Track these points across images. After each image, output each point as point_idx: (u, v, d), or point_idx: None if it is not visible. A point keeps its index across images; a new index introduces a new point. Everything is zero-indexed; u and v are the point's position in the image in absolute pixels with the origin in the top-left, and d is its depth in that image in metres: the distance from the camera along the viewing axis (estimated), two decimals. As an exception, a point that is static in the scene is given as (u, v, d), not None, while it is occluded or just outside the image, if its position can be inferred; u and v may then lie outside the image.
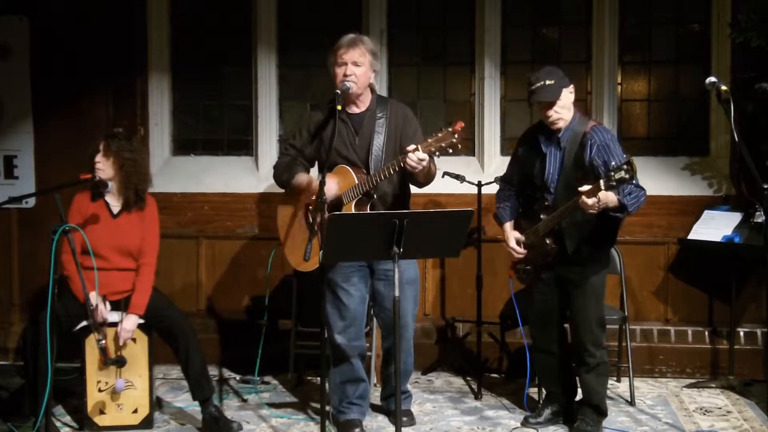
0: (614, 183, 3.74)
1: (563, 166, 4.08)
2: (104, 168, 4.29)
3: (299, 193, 4.27)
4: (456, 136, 3.79)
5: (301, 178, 4.25)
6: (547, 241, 4.12)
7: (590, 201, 3.80)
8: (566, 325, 4.31)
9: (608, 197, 3.83)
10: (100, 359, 4.15)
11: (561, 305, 4.23)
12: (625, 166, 3.71)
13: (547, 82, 4.01)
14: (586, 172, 4.01)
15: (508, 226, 4.33)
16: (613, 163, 3.89)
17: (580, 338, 4.15)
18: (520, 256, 4.27)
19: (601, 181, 3.77)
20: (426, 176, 4.11)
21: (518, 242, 4.26)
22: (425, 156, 3.85)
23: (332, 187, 4.09)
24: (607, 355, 4.28)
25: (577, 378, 4.27)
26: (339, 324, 4.24)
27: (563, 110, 4.07)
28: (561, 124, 4.09)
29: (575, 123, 4.11)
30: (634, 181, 3.81)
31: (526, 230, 4.23)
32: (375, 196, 4.12)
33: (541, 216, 4.12)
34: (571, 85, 4.11)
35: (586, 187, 3.82)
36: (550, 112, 4.05)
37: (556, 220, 4.04)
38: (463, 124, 3.81)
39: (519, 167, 4.32)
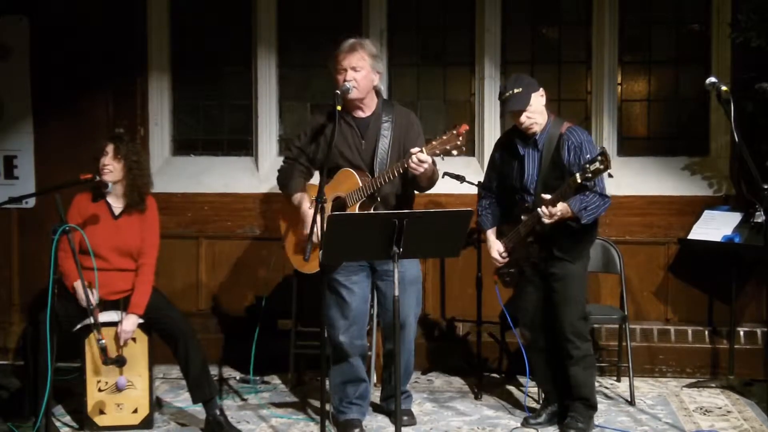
0: (590, 175, 3.82)
1: (541, 168, 4.13)
2: (113, 170, 4.29)
3: (296, 212, 4.29)
4: (461, 138, 3.81)
5: (298, 199, 4.27)
6: (529, 240, 4.14)
7: (547, 211, 3.93)
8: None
9: (564, 209, 3.95)
10: (99, 359, 4.13)
11: (546, 302, 4.24)
12: (599, 158, 3.79)
13: (515, 91, 4.05)
14: (564, 173, 4.06)
15: (490, 234, 4.36)
16: (588, 155, 3.97)
17: (565, 331, 4.16)
18: (502, 262, 4.30)
19: (577, 175, 3.84)
20: (428, 180, 4.12)
21: (500, 251, 4.29)
22: (426, 158, 3.87)
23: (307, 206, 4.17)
24: (593, 349, 4.30)
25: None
26: (341, 323, 4.24)
27: (535, 115, 4.11)
28: (536, 128, 4.13)
29: (550, 125, 4.15)
30: (609, 172, 3.84)
31: (508, 234, 4.25)
32: (378, 199, 4.12)
33: (522, 217, 4.15)
34: (541, 89, 4.15)
35: (546, 196, 3.96)
36: (522, 119, 4.10)
37: (533, 222, 4.07)
38: (467, 127, 3.84)
39: (497, 172, 4.35)
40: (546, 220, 3.98)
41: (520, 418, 4.45)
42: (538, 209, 3.98)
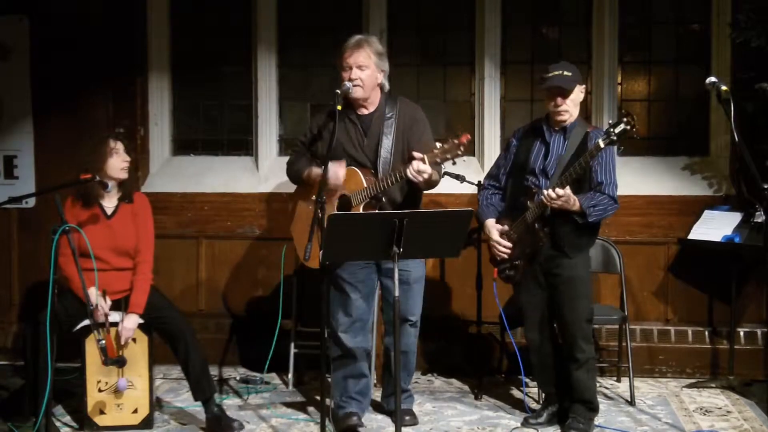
0: (615, 138, 3.78)
1: (564, 155, 4.07)
2: (126, 168, 4.33)
3: (313, 184, 4.24)
4: (462, 149, 3.82)
5: (316, 170, 4.23)
6: (537, 226, 4.08)
7: (554, 193, 3.87)
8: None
9: (572, 200, 3.91)
10: (100, 359, 4.13)
11: (550, 302, 4.21)
12: (625, 119, 3.74)
13: (565, 73, 4.05)
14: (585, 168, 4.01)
15: (490, 221, 4.27)
16: (610, 121, 3.98)
17: (570, 334, 4.14)
18: (506, 251, 4.21)
19: (600, 141, 3.81)
20: (426, 183, 4.10)
21: (502, 236, 4.22)
22: (426, 168, 3.89)
23: (339, 173, 4.10)
24: (595, 351, 4.28)
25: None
26: (344, 320, 4.24)
27: (572, 105, 4.09)
28: (565, 117, 4.10)
29: (577, 124, 4.14)
30: (634, 130, 3.79)
31: (512, 225, 4.19)
32: (384, 199, 4.12)
33: (528, 204, 4.09)
34: (584, 85, 4.16)
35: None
36: (559, 101, 4.06)
37: (542, 207, 4.02)
38: (469, 137, 3.86)
39: (511, 159, 4.28)
40: (545, 200, 3.92)
41: (520, 418, 4.45)
42: (544, 190, 3.93)
